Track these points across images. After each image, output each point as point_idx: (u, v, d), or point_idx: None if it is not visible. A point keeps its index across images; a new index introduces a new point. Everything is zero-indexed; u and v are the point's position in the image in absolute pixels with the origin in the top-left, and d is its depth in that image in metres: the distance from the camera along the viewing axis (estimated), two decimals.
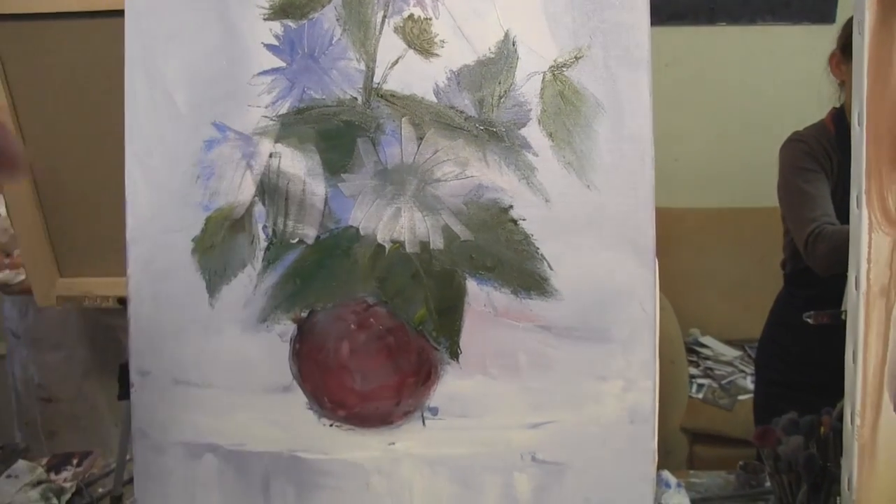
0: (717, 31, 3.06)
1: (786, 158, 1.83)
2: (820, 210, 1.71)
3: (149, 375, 0.88)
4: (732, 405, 2.65)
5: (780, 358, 1.99)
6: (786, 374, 1.96)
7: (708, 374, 2.81)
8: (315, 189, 0.84)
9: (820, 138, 1.81)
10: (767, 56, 3.06)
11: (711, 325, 3.02)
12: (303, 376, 0.85)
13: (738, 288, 2.95)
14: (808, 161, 1.78)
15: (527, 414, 0.83)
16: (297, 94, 0.84)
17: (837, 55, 1.80)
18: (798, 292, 1.94)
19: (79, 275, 1.36)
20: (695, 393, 2.70)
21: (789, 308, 1.97)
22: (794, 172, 1.79)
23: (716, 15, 3.03)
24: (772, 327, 2.06)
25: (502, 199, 0.82)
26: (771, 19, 3.05)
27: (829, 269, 1.66)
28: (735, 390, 2.71)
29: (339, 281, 0.84)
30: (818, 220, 1.68)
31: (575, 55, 0.81)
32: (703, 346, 2.95)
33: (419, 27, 0.82)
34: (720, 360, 2.88)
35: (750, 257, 2.91)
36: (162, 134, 0.87)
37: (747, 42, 3.07)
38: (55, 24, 1.19)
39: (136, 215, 0.88)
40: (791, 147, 1.83)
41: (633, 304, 0.82)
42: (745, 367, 2.83)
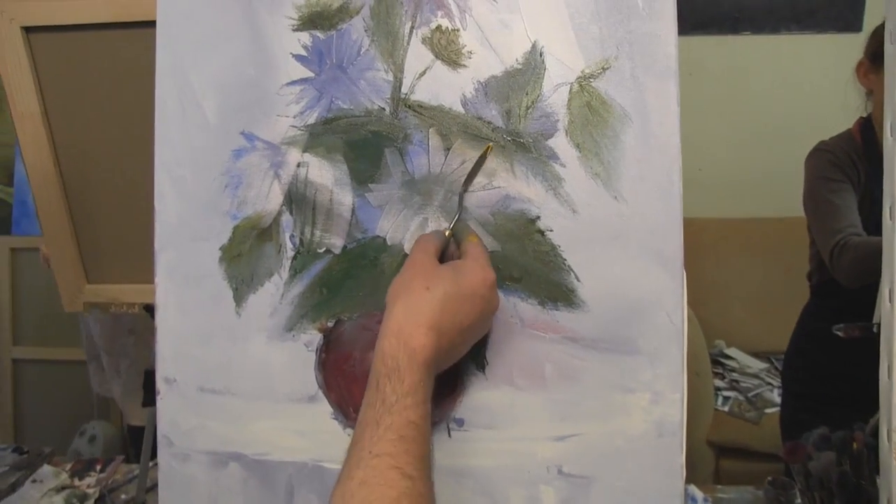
0: (742, 40, 3.04)
1: (812, 168, 1.82)
2: (846, 221, 1.69)
3: (174, 383, 0.89)
4: (759, 418, 2.62)
5: (808, 371, 1.97)
6: (814, 387, 1.94)
7: (734, 386, 2.78)
8: (342, 199, 0.84)
9: (847, 148, 1.79)
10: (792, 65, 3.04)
11: (737, 336, 2.99)
12: (328, 386, 0.85)
13: (764, 299, 2.92)
14: (835, 171, 1.76)
15: (553, 426, 0.83)
16: (325, 104, 0.84)
17: (866, 64, 1.78)
18: (825, 304, 1.92)
19: (106, 281, 1.37)
20: (721, 406, 2.68)
21: (817, 320, 1.95)
22: (820, 183, 1.77)
23: (740, 24, 3.02)
24: (799, 340, 2.04)
25: (529, 210, 0.82)
26: (796, 28, 3.03)
27: (855, 281, 1.64)
28: (762, 403, 2.68)
29: (366, 291, 0.84)
30: (844, 231, 1.66)
31: (602, 66, 0.81)
32: (729, 358, 2.92)
33: (447, 38, 0.82)
34: (746, 372, 2.85)
35: (775, 268, 2.89)
36: (191, 143, 0.88)
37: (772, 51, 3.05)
38: (88, 34, 1.21)
39: (164, 223, 0.89)
40: (817, 157, 1.82)
41: (661, 315, 0.82)
42: (771, 379, 2.80)
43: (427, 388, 0.71)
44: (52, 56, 1.25)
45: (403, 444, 0.67)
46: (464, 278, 0.74)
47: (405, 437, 0.67)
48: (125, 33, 1.20)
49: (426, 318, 0.71)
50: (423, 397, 0.70)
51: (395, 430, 0.67)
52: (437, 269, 0.75)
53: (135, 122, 1.18)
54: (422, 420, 0.69)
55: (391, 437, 0.67)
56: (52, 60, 1.26)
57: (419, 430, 0.68)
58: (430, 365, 0.71)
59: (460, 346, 0.76)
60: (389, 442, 0.67)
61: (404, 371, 0.70)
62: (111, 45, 1.23)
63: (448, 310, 0.72)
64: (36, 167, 1.31)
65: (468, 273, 0.75)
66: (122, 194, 1.31)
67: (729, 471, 2.63)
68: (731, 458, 2.64)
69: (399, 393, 0.69)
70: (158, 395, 0.89)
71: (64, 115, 1.29)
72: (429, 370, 0.71)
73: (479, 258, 0.77)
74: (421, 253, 0.77)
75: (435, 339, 0.71)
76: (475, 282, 0.75)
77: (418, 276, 0.74)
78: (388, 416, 0.68)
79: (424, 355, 0.70)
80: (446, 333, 0.72)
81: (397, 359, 0.70)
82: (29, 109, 1.28)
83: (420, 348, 0.70)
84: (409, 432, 0.67)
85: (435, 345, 0.71)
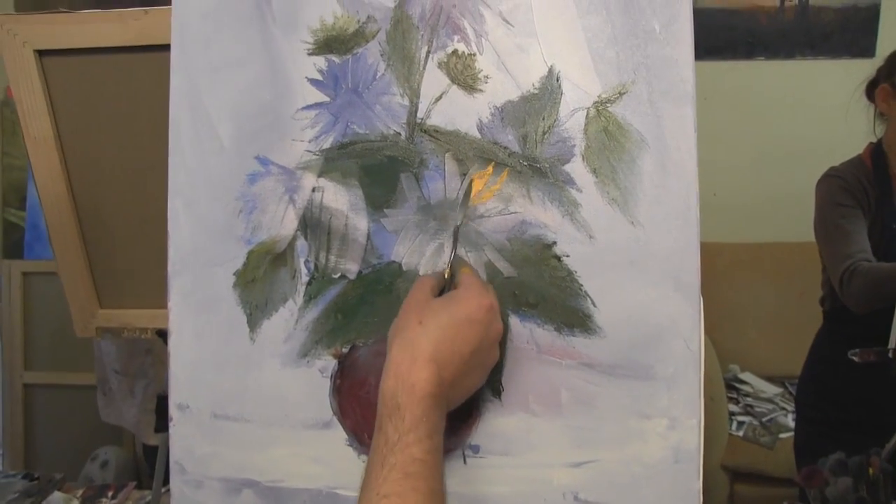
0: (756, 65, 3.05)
1: (822, 194, 1.81)
2: (856, 246, 1.68)
3: (188, 409, 0.88)
4: (773, 443, 2.60)
5: (822, 396, 1.95)
6: (828, 412, 1.92)
7: (748, 411, 2.76)
8: (358, 224, 0.84)
9: (857, 174, 1.79)
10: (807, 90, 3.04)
11: (751, 361, 2.97)
12: (343, 412, 0.85)
13: (778, 323, 2.91)
14: (845, 196, 1.76)
15: (569, 452, 0.82)
16: (340, 128, 0.84)
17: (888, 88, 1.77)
18: (839, 329, 1.91)
19: (119, 306, 1.37)
20: (735, 430, 2.66)
21: (830, 345, 1.94)
22: (830, 208, 1.77)
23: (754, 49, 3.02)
24: (813, 365, 2.03)
25: (546, 236, 0.81)
26: (810, 54, 3.04)
27: (865, 307, 1.63)
28: (776, 428, 2.66)
29: (381, 316, 0.84)
30: (854, 257, 1.66)
31: (619, 90, 0.80)
32: (743, 383, 2.90)
33: (463, 63, 0.82)
34: (760, 396, 2.83)
35: (789, 292, 2.87)
36: (205, 167, 0.88)
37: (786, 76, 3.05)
38: (101, 58, 1.21)
39: (178, 248, 0.88)
40: (827, 182, 1.81)
41: (678, 341, 0.81)
42: (786, 404, 2.78)
43: (432, 422, 0.70)
44: (66, 80, 1.26)
45: (409, 482, 0.66)
46: (456, 306, 0.74)
47: (410, 474, 0.66)
48: (139, 57, 1.20)
49: (422, 352, 0.71)
50: (426, 432, 0.69)
51: (400, 468, 0.67)
52: (430, 303, 0.75)
53: (148, 147, 1.18)
54: (428, 455, 0.68)
55: (396, 477, 0.66)
56: (66, 84, 1.26)
57: (425, 465, 0.68)
58: (433, 397, 0.70)
59: (468, 374, 0.75)
60: (395, 482, 0.66)
61: (405, 408, 0.69)
62: (125, 69, 1.23)
63: (445, 339, 0.72)
64: (48, 191, 1.31)
65: (461, 300, 0.75)
66: (136, 219, 1.31)
67: (743, 496, 2.61)
68: (746, 482, 2.62)
69: (401, 430, 0.68)
70: (171, 421, 0.89)
71: (77, 139, 1.29)
72: (434, 403, 0.70)
73: (471, 286, 0.77)
74: (416, 292, 0.77)
75: (435, 371, 0.71)
76: (469, 308, 0.74)
77: (411, 313, 0.74)
78: (392, 456, 0.67)
79: (424, 389, 0.70)
80: (447, 364, 0.72)
81: (396, 397, 0.70)
82: (42, 133, 1.28)
83: (419, 382, 0.70)
84: (415, 469, 0.67)
85: (435, 377, 0.71)
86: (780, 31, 3.02)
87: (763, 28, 3.01)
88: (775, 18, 3.01)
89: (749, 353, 2.97)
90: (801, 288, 2.71)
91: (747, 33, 3.01)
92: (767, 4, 3.00)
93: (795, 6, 3.00)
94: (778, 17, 3.01)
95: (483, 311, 0.75)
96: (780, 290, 2.94)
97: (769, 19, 3.01)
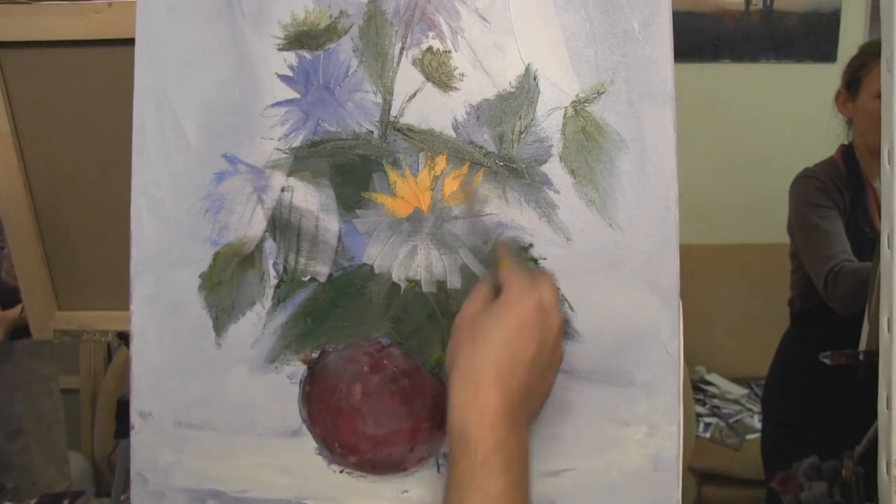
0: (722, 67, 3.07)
1: (799, 195, 1.82)
2: (837, 247, 1.69)
3: (150, 417, 0.85)
4: (740, 445, 2.62)
5: (790, 398, 1.96)
6: (796, 414, 1.93)
7: (715, 412, 2.78)
8: (328, 225, 0.81)
9: (832, 175, 1.80)
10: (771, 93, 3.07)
11: (717, 362, 2.99)
12: (312, 420, 0.82)
13: (744, 325, 2.93)
14: (822, 197, 1.76)
15: (547, 461, 0.80)
16: (311, 126, 0.82)
17: (843, 93, 1.80)
18: (807, 331, 1.91)
19: (78, 308, 1.33)
20: (702, 432, 2.67)
21: (798, 347, 1.95)
22: (808, 209, 1.77)
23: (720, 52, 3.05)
24: (780, 367, 2.03)
25: (522, 238, 0.79)
26: (774, 57, 3.07)
27: (851, 307, 1.63)
28: (743, 429, 2.68)
29: (352, 321, 0.81)
30: (837, 258, 1.66)
31: (597, 90, 0.79)
32: (710, 384, 2.92)
33: (438, 60, 0.80)
34: (727, 398, 2.85)
35: (755, 294, 2.89)
36: (170, 165, 0.84)
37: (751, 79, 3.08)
38: (63, 51, 1.17)
39: (141, 249, 0.85)
40: (804, 183, 1.82)
41: (657, 346, 0.80)
42: (752, 405, 2.80)
43: (509, 451, 0.65)
44: (24, 74, 1.22)
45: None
46: (505, 313, 0.69)
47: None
48: (102, 51, 1.16)
49: (483, 376, 0.66)
50: (503, 463, 0.64)
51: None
52: (478, 319, 0.70)
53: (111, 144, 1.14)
54: (507, 488, 0.63)
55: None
56: (24, 78, 1.22)
57: (508, 499, 0.63)
58: (506, 421, 0.65)
59: (539, 381, 0.70)
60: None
61: (476, 441, 0.64)
62: (86, 64, 1.19)
63: (502, 354, 0.67)
64: (5, 189, 1.27)
65: (507, 306, 0.69)
66: (97, 218, 1.27)
67: (711, 498, 2.62)
68: (713, 484, 2.63)
69: (477, 465, 0.64)
70: (132, 429, 0.85)
71: (35, 136, 1.25)
72: (508, 427, 0.65)
73: (513, 286, 0.71)
74: (464, 309, 0.72)
75: (501, 393, 0.66)
76: (518, 312, 0.69)
77: (463, 335, 0.70)
78: (468, 496, 0.63)
79: (495, 415, 0.65)
80: (512, 378, 0.67)
81: (466, 431, 0.65)
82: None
83: (487, 409, 0.65)
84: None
85: (503, 398, 0.66)
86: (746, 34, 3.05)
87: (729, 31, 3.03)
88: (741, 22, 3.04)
89: (715, 354, 2.98)
90: (767, 290, 2.73)
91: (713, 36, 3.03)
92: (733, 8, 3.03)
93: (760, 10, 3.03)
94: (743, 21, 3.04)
95: (533, 311, 0.69)
96: (746, 292, 2.96)
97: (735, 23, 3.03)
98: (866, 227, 1.75)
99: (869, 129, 1.75)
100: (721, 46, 3.04)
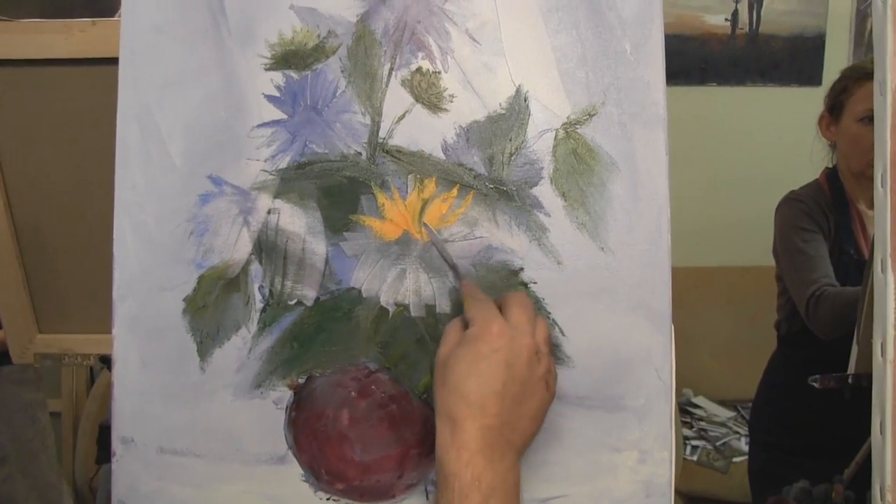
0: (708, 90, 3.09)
1: (784, 218, 1.82)
2: (820, 271, 1.69)
3: (132, 443, 0.83)
4: (727, 467, 2.61)
5: (777, 421, 1.95)
6: (783, 438, 1.92)
7: (702, 435, 2.77)
8: (315, 248, 0.80)
9: (817, 198, 1.81)
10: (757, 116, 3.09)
11: (704, 385, 2.99)
12: (299, 446, 0.80)
13: (731, 347, 2.93)
14: (807, 221, 1.77)
15: (537, 488, 0.79)
16: (298, 147, 0.80)
17: (826, 117, 1.81)
18: (794, 354, 1.91)
19: (59, 331, 1.30)
20: (689, 455, 2.66)
21: (785, 370, 1.94)
22: (793, 232, 1.77)
23: (707, 75, 3.07)
24: (767, 390, 2.03)
25: (512, 261, 0.78)
26: (760, 81, 3.10)
27: (832, 332, 1.63)
28: (730, 452, 2.67)
29: (340, 345, 0.80)
30: (818, 282, 1.66)
31: (588, 112, 0.78)
32: (696, 407, 2.92)
33: (427, 81, 0.79)
34: (713, 420, 2.84)
35: (742, 317, 2.90)
36: (154, 186, 0.83)
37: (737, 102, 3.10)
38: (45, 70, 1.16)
39: (124, 271, 0.83)
40: (789, 206, 1.82)
41: (649, 371, 0.79)
42: (739, 428, 2.80)
43: (488, 482, 0.65)
44: (6, 92, 1.20)
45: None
46: (468, 348, 0.69)
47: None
48: (85, 70, 1.15)
49: (455, 413, 0.67)
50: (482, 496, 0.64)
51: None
52: (447, 360, 0.70)
53: (93, 164, 1.13)
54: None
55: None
56: (5, 97, 1.20)
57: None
58: (482, 454, 0.66)
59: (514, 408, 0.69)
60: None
61: (452, 477, 0.65)
62: (69, 82, 1.18)
63: (469, 388, 0.67)
64: None
65: (470, 340, 0.69)
66: (78, 239, 1.25)
67: None
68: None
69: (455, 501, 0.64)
70: (114, 456, 0.83)
71: (17, 155, 1.23)
72: (485, 459, 0.66)
73: (476, 318, 0.70)
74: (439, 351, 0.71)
75: (475, 426, 0.66)
76: (481, 343, 0.68)
77: (437, 377, 0.70)
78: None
79: (470, 449, 0.65)
80: (484, 410, 0.67)
81: (445, 466, 0.66)
82: None
83: (463, 444, 0.66)
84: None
85: (477, 431, 0.66)
86: (732, 57, 3.07)
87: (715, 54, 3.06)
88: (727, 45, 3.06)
89: (702, 377, 2.98)
90: (753, 312, 2.73)
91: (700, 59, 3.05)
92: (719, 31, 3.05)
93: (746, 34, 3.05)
94: (729, 44, 3.06)
95: (496, 338, 0.68)
96: (733, 315, 2.96)
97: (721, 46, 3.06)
98: (851, 249, 1.76)
99: (851, 153, 1.76)
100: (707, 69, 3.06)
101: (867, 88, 1.70)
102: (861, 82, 1.73)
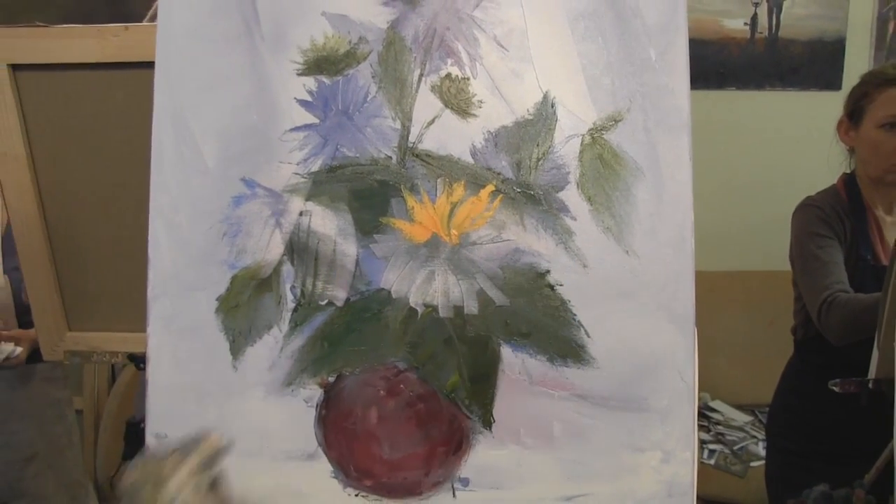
0: (727, 95, 3.08)
1: (800, 223, 1.81)
2: (833, 277, 1.68)
3: (166, 439, 0.85)
4: (745, 472, 2.60)
5: (794, 426, 1.95)
6: (801, 443, 1.91)
7: (719, 439, 2.76)
8: (346, 249, 0.82)
9: (833, 204, 1.80)
10: (776, 120, 3.07)
11: (721, 389, 2.97)
12: (328, 443, 0.82)
13: (748, 352, 2.91)
14: (823, 227, 1.76)
15: (561, 486, 0.80)
16: (329, 151, 0.82)
17: (846, 122, 1.80)
18: (811, 359, 1.90)
19: (88, 329, 1.33)
20: (706, 459, 2.65)
21: (802, 375, 1.93)
22: (808, 238, 1.77)
23: (725, 80, 3.05)
24: (784, 395, 2.02)
25: (539, 264, 0.80)
26: (780, 85, 3.08)
27: (843, 338, 1.63)
28: (747, 456, 2.66)
29: (369, 345, 0.82)
30: (831, 288, 1.66)
31: (614, 118, 0.80)
32: (714, 411, 2.90)
33: (456, 87, 0.81)
34: (731, 425, 2.83)
35: (759, 321, 2.88)
36: (188, 188, 0.85)
37: (756, 107, 3.08)
38: (79, 74, 1.18)
39: (158, 272, 0.85)
40: (805, 212, 1.82)
41: (672, 373, 0.80)
42: (756, 432, 2.78)
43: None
44: (40, 96, 1.22)
45: None
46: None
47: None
48: (117, 74, 1.17)
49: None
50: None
51: None
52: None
53: (124, 167, 1.15)
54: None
55: None
56: (41, 100, 1.22)
57: None
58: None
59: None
60: None
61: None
62: (102, 86, 1.20)
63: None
64: (19, 210, 1.27)
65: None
66: (109, 239, 1.27)
67: None
68: None
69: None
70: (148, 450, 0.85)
71: (51, 158, 1.26)
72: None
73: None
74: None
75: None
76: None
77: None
78: None
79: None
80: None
81: None
82: (13, 150, 1.24)
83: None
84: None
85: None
86: (751, 62, 3.05)
87: (734, 59, 3.05)
88: (746, 50, 3.05)
89: (719, 381, 2.96)
90: (770, 316, 2.72)
91: (719, 64, 3.04)
92: (738, 36, 3.04)
93: (765, 38, 3.04)
94: (748, 49, 3.05)
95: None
96: (750, 319, 2.94)
97: (740, 50, 3.04)
98: (868, 254, 1.75)
99: (870, 158, 1.76)
100: (726, 74, 3.05)
101: (888, 94, 1.69)
102: (882, 88, 1.72)
